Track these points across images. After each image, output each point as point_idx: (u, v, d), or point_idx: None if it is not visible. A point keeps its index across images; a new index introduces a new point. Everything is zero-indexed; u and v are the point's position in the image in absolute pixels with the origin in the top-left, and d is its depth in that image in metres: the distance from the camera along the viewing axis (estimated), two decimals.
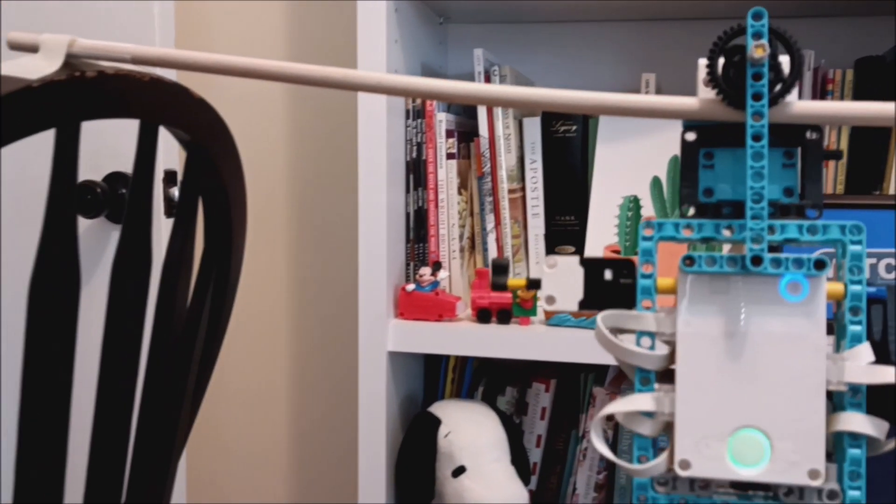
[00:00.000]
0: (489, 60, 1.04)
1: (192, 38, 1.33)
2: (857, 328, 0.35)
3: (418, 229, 1.04)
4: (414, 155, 1.04)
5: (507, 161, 1.03)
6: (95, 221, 1.07)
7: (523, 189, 1.06)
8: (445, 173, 1.02)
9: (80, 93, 0.42)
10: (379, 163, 0.95)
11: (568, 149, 1.06)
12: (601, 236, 1.03)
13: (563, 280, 0.39)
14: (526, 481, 0.99)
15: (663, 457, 0.36)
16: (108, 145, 1.06)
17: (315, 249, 1.32)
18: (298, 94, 1.31)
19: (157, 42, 1.04)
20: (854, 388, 0.35)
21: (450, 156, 1.03)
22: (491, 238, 1.04)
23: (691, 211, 0.37)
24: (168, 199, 1.06)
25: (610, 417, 1.06)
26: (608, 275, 0.38)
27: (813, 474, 0.34)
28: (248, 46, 1.31)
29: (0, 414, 1.03)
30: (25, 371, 0.45)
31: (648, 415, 0.36)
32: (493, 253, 1.04)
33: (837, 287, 0.36)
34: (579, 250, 1.05)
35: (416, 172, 1.04)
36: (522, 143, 1.06)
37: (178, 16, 1.29)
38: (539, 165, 1.06)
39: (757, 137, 0.36)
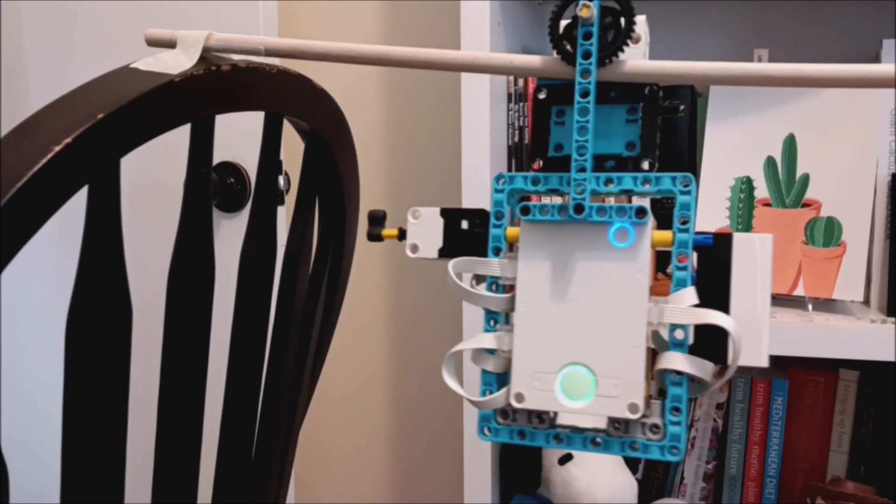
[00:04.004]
0: None
1: (293, 36, 1.35)
2: (682, 273, 0.36)
3: None
4: (516, 139, 1.02)
5: None
6: None
7: None
8: None
9: (216, 86, 0.43)
10: (482, 148, 0.95)
11: (675, 129, 1.02)
12: (711, 219, 0.99)
13: (425, 230, 0.42)
14: (634, 470, 0.97)
15: (503, 391, 0.38)
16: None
17: None
18: (396, 84, 1.31)
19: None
20: (677, 329, 0.36)
21: None
22: None
23: (539, 164, 0.39)
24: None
25: (719, 406, 1.03)
26: (464, 224, 0.41)
27: (632, 408, 0.36)
28: (349, 38, 1.32)
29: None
30: (165, 363, 0.47)
31: (493, 353, 0.39)
32: None
33: (666, 235, 0.37)
34: None
35: (519, 157, 1.02)
36: None
37: (280, 14, 1.31)
38: None
39: (584, 94, 0.37)
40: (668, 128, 1.02)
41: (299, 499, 1.43)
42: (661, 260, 0.40)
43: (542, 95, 0.40)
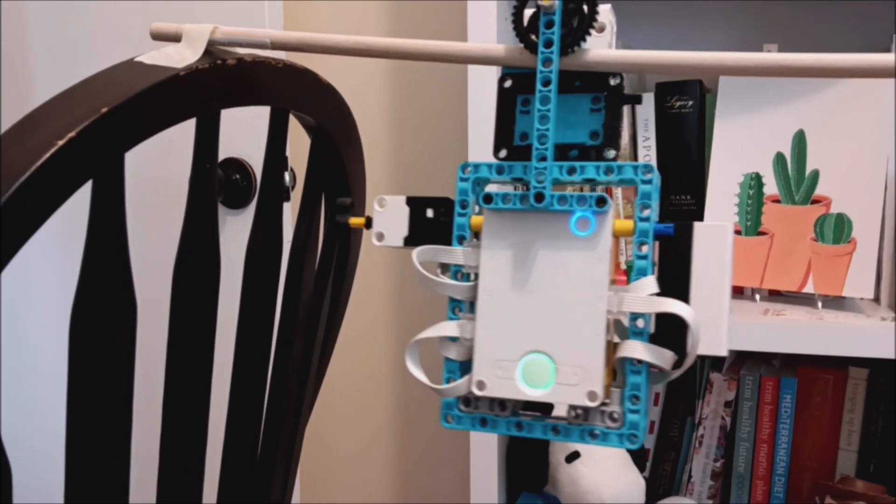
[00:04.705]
0: None
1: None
2: (643, 262, 0.37)
3: None
4: None
5: None
6: None
7: None
8: None
9: (221, 80, 0.42)
10: (489, 143, 0.94)
11: (683, 125, 1.01)
12: (720, 215, 0.98)
13: (391, 218, 0.42)
14: (641, 468, 0.97)
15: (466, 379, 0.38)
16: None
17: None
18: (403, 79, 1.30)
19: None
20: (637, 318, 0.36)
21: None
22: None
23: (503, 153, 0.39)
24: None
25: (728, 404, 1.03)
26: (430, 213, 0.41)
27: (591, 396, 0.36)
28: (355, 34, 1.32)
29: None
30: (169, 361, 0.46)
31: (457, 340, 0.39)
32: None
33: (627, 224, 0.37)
34: None
35: None
36: (635, 120, 1.03)
37: (286, 13, 1.31)
38: (653, 143, 1.02)
39: (546, 83, 0.37)
40: (677, 124, 1.02)
41: (305, 497, 1.43)
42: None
43: (507, 84, 0.40)
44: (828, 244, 0.93)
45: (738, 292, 1.01)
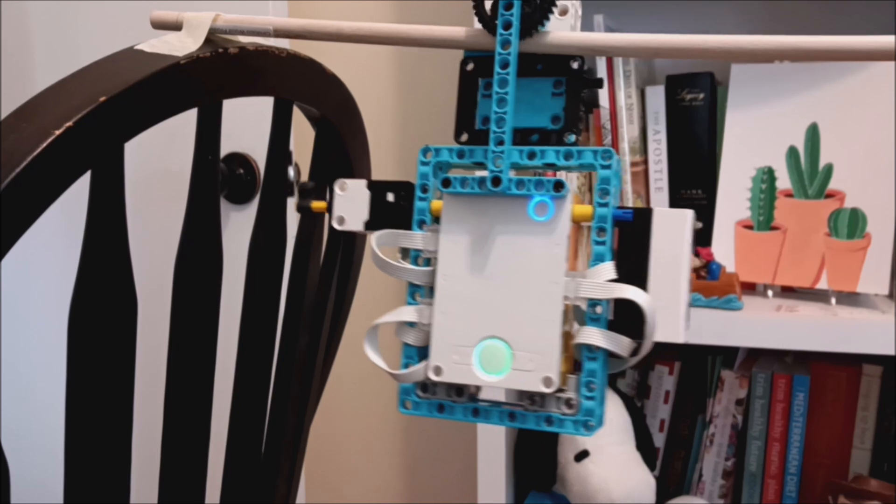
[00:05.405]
0: (609, 27, 0.99)
1: None
2: (601, 247, 0.36)
3: None
4: None
5: (628, 133, 0.99)
6: None
7: (646, 162, 1.01)
8: None
9: (223, 69, 0.41)
10: None
11: (694, 118, 1.00)
12: (732, 210, 0.97)
13: (352, 202, 0.41)
14: (651, 467, 0.95)
15: (423, 364, 0.38)
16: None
17: None
18: (408, 69, 1.29)
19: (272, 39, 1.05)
20: (594, 304, 0.36)
21: None
22: None
23: (464, 137, 0.39)
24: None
25: (739, 402, 1.01)
26: (390, 197, 0.40)
27: (547, 382, 0.36)
28: None
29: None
30: (171, 358, 0.45)
31: (415, 326, 0.39)
32: None
33: (586, 209, 0.37)
34: (708, 225, 0.99)
35: None
36: (645, 113, 1.01)
37: (290, 14, 1.30)
38: (663, 137, 1.00)
39: (504, 65, 0.37)
40: (688, 117, 1.00)
41: (310, 497, 1.42)
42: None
43: (469, 67, 0.39)
44: (842, 239, 0.92)
45: (750, 288, 1.00)
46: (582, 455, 0.91)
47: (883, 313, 0.87)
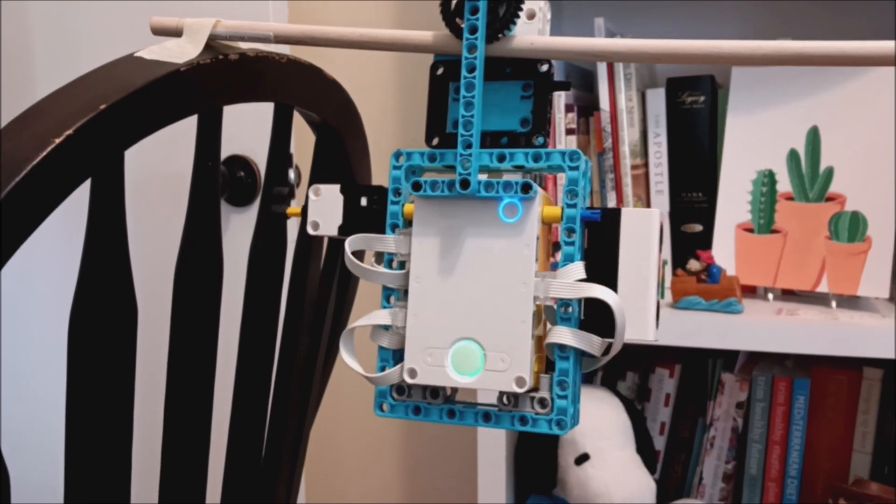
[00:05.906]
0: (610, 30, 0.99)
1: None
2: (570, 248, 0.37)
3: None
4: None
5: (629, 136, 0.99)
6: None
7: (646, 165, 1.01)
8: None
9: (223, 76, 0.41)
10: None
11: (695, 121, 1.00)
12: (732, 213, 0.97)
13: (326, 207, 0.41)
14: (652, 470, 0.95)
15: (398, 367, 0.38)
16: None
17: None
18: (409, 74, 1.29)
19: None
20: (565, 304, 0.36)
21: (569, 131, 0.99)
22: None
23: (435, 141, 0.39)
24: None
25: (740, 405, 1.01)
26: (364, 201, 0.41)
27: (519, 382, 0.36)
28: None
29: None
30: (171, 361, 0.45)
31: (390, 328, 0.39)
32: None
33: (555, 210, 0.37)
34: (708, 228, 0.99)
35: None
36: (645, 116, 1.01)
37: (291, 14, 1.30)
38: (664, 140, 1.00)
39: (471, 69, 0.37)
40: (689, 120, 1.00)
41: (311, 498, 1.42)
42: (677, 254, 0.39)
43: (439, 72, 0.40)
44: (842, 242, 0.92)
45: (750, 291, 1.00)
46: (582, 458, 0.91)
47: (883, 317, 0.87)
